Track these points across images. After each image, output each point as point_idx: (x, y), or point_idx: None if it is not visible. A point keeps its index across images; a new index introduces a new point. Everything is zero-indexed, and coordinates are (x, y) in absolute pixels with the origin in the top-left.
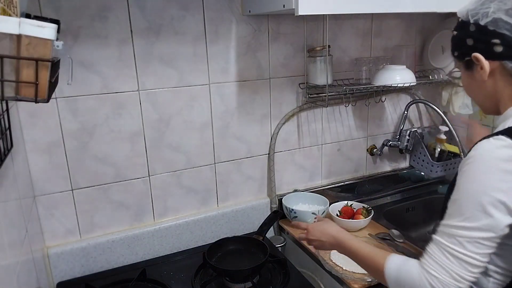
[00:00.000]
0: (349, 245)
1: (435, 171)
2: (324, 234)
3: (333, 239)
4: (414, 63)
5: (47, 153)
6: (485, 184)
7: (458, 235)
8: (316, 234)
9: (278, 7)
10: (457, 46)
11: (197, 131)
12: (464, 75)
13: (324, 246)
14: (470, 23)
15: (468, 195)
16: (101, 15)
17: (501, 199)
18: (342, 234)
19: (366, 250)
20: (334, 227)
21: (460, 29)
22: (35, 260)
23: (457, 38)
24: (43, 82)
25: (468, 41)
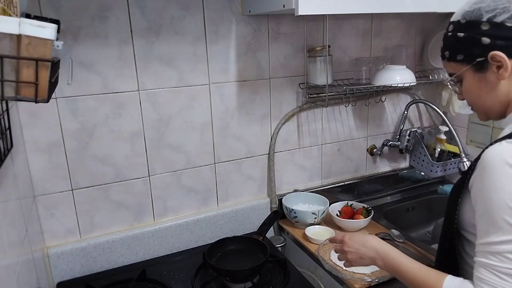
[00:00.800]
0: (394, 261)
1: (435, 171)
2: (365, 246)
3: (375, 252)
4: (414, 63)
5: (47, 153)
6: (510, 190)
7: (502, 251)
8: (355, 246)
9: (278, 7)
10: (464, 48)
11: (197, 131)
12: (471, 80)
13: (362, 260)
14: (482, 21)
15: (497, 206)
16: (101, 15)
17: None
18: (386, 247)
19: (415, 269)
20: (376, 239)
21: (467, 29)
22: (35, 260)
23: (463, 40)
24: (43, 82)
25: (483, 40)
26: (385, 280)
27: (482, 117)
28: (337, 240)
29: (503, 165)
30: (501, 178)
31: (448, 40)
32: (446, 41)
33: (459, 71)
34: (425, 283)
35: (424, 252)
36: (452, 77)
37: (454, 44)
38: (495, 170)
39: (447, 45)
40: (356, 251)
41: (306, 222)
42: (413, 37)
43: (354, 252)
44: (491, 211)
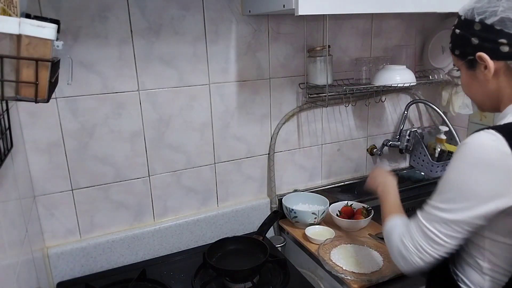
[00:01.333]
0: (385, 195)
1: (435, 171)
2: (382, 177)
3: (383, 183)
4: (414, 63)
5: (47, 153)
6: (466, 173)
7: (431, 213)
8: (376, 172)
9: (278, 7)
10: (460, 45)
11: (197, 131)
12: (465, 74)
13: (372, 182)
14: (475, 21)
15: (450, 181)
16: (101, 15)
17: (475, 190)
18: (392, 186)
19: (391, 202)
20: (392, 181)
21: (463, 27)
22: (35, 260)
23: (460, 37)
24: (43, 82)
25: (473, 40)
26: (385, 280)
27: (478, 108)
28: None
29: (473, 152)
30: (465, 161)
31: (452, 33)
32: (451, 34)
33: (457, 64)
34: (386, 212)
35: None
36: (454, 68)
37: (454, 39)
38: (465, 153)
39: (451, 38)
40: (374, 177)
41: (306, 222)
42: (413, 37)
43: (373, 177)
44: (445, 183)
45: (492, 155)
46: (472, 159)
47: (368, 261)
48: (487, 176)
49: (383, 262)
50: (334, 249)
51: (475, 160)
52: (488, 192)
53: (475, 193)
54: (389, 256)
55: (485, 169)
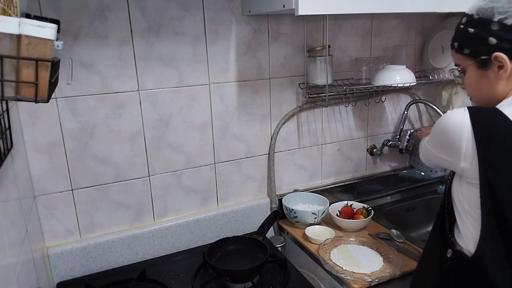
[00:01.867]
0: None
1: (435, 171)
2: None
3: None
4: (414, 63)
5: (47, 153)
6: (436, 131)
7: (425, 141)
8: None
9: (278, 7)
10: (472, 44)
11: (197, 131)
12: (473, 74)
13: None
14: (493, 21)
15: (433, 132)
16: (101, 15)
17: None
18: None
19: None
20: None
21: (477, 26)
22: (35, 260)
23: (473, 36)
24: (43, 82)
25: (490, 40)
26: (385, 280)
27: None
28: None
29: (444, 117)
30: (438, 123)
31: (459, 32)
32: (457, 32)
33: (464, 64)
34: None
35: None
36: (456, 67)
37: (463, 38)
38: (441, 118)
39: (457, 37)
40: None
41: (306, 222)
42: (413, 37)
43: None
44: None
45: (453, 123)
46: (441, 121)
47: (368, 261)
48: (446, 135)
49: (383, 262)
50: (334, 249)
51: (442, 123)
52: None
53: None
54: (389, 256)
55: (446, 131)
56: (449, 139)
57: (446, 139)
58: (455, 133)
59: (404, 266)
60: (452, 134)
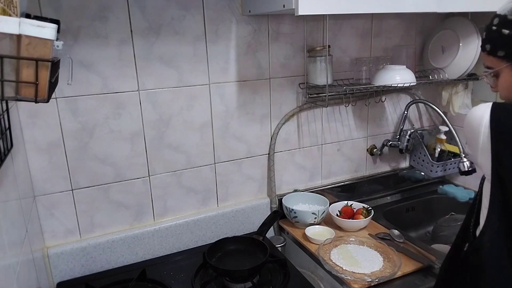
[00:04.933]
0: None
1: (435, 171)
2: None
3: None
4: (414, 63)
5: (47, 153)
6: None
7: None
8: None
9: (278, 7)
10: (507, 46)
11: (197, 131)
12: (508, 76)
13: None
14: None
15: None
16: (101, 15)
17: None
18: None
19: None
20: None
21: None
22: (35, 260)
23: (508, 37)
24: (43, 82)
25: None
26: (385, 280)
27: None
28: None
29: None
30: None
31: (492, 33)
32: (489, 34)
33: (498, 66)
34: None
35: (424, 252)
36: (490, 71)
37: (497, 40)
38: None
39: (490, 39)
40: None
41: (306, 222)
42: (413, 37)
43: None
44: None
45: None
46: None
47: (368, 261)
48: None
49: (383, 262)
50: (334, 249)
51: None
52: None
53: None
54: (389, 256)
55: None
56: (470, 133)
57: (468, 132)
58: (474, 127)
59: (404, 266)
60: (471, 128)
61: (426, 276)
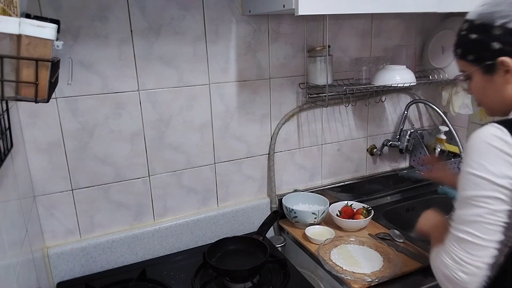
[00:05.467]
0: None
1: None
2: (434, 217)
3: (438, 221)
4: (414, 63)
5: (47, 153)
6: (477, 163)
7: (456, 218)
8: (427, 216)
9: (278, 7)
10: (475, 50)
11: (197, 131)
12: (479, 80)
13: (426, 223)
14: (495, 26)
15: (464, 176)
16: (101, 15)
17: (488, 172)
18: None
19: (437, 239)
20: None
21: (479, 32)
22: (35, 260)
23: (476, 42)
24: (43, 82)
25: (493, 45)
26: (385, 280)
27: (487, 113)
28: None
29: (481, 143)
30: (472, 154)
31: (461, 38)
32: (459, 39)
33: (469, 70)
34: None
35: (424, 252)
36: (461, 74)
37: (466, 44)
38: (470, 146)
39: (460, 43)
40: (425, 216)
41: (306, 222)
42: (413, 37)
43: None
44: (461, 180)
45: (496, 143)
46: (480, 148)
47: (368, 261)
48: (495, 160)
49: (383, 262)
50: (334, 249)
51: (483, 148)
52: (499, 173)
53: (487, 175)
54: (389, 256)
55: (493, 155)
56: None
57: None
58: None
59: (404, 266)
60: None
61: (426, 276)
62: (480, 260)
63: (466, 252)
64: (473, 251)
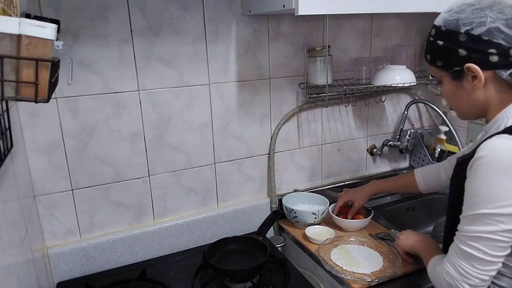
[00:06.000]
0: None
1: None
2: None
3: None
4: (414, 63)
5: (47, 153)
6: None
7: (462, 231)
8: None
9: (278, 7)
10: (443, 56)
11: (197, 131)
12: (449, 85)
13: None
14: (461, 32)
15: (477, 195)
16: (101, 15)
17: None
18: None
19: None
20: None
21: (446, 38)
22: (35, 260)
23: (443, 48)
24: (43, 82)
25: (460, 51)
26: (385, 280)
27: (460, 117)
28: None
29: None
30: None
31: (430, 44)
32: (428, 44)
33: (439, 75)
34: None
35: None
36: (432, 79)
37: (434, 50)
38: (484, 164)
39: (429, 49)
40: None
41: (306, 222)
42: (413, 37)
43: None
44: (472, 197)
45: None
46: (495, 166)
47: (368, 261)
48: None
49: (383, 262)
50: (334, 249)
51: (498, 167)
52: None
53: (504, 197)
54: (389, 256)
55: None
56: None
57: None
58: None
59: (404, 266)
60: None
61: (426, 276)
62: (487, 274)
63: (473, 266)
64: (481, 266)
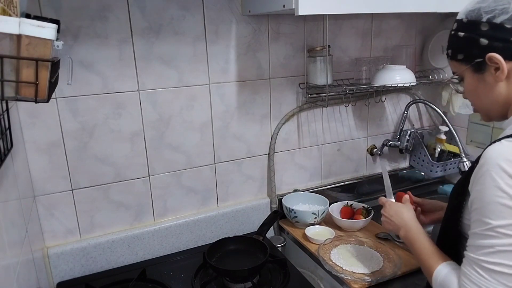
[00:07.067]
0: (413, 235)
1: (435, 171)
2: (397, 215)
3: (404, 223)
4: (414, 63)
5: (47, 153)
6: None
7: (484, 245)
8: (390, 212)
9: (278, 7)
10: (464, 48)
11: (197, 131)
12: (470, 80)
13: (391, 226)
14: (482, 21)
15: (486, 207)
16: (101, 15)
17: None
18: (413, 222)
19: (425, 247)
20: (410, 212)
21: (466, 29)
22: (35, 260)
23: (464, 40)
24: (43, 82)
25: (481, 41)
26: (385, 280)
27: (483, 118)
28: (380, 202)
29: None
30: (498, 177)
31: (451, 38)
32: (450, 39)
33: (460, 70)
34: (426, 261)
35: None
36: (454, 75)
37: (455, 43)
38: (488, 172)
39: (450, 44)
40: (389, 217)
41: (306, 222)
42: (413, 37)
43: (388, 218)
44: (481, 210)
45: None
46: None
47: (368, 261)
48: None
49: (383, 262)
50: (334, 249)
51: (504, 175)
52: None
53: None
54: (389, 256)
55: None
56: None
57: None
58: None
59: (404, 266)
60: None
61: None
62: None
63: (500, 283)
64: (508, 282)
